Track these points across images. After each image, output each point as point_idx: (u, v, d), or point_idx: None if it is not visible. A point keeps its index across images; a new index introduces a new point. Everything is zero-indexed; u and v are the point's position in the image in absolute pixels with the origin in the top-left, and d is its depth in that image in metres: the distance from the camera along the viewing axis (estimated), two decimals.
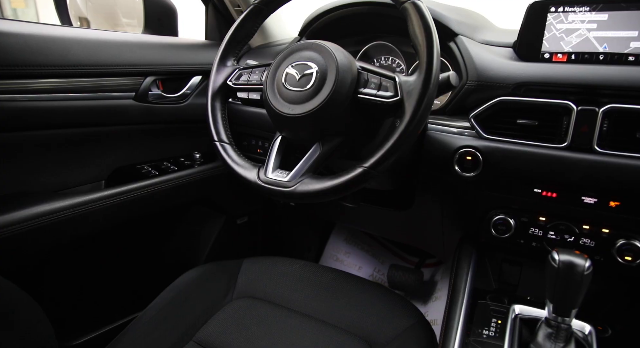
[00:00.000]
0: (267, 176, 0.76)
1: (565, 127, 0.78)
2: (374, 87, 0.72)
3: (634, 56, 0.78)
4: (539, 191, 0.82)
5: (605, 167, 0.75)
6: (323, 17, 1.07)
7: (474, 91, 0.86)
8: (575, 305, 0.66)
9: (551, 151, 0.79)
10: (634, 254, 0.77)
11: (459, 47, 0.91)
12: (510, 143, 0.82)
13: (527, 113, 0.81)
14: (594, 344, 0.74)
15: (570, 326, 0.69)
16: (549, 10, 0.83)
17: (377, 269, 1.70)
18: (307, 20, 1.11)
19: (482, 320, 0.81)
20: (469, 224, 0.97)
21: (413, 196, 1.05)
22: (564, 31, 0.83)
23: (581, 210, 0.80)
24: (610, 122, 0.75)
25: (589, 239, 0.82)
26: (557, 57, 0.84)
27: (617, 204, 0.76)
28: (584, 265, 0.63)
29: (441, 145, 0.88)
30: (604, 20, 0.80)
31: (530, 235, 0.87)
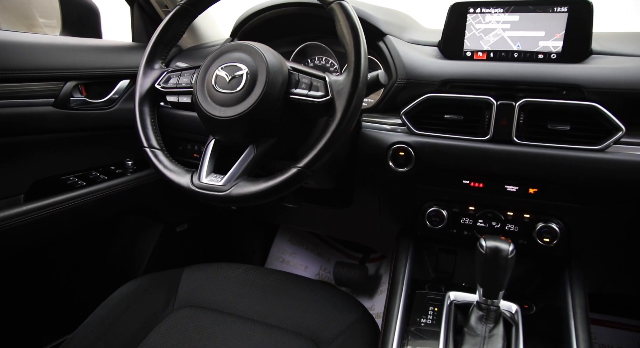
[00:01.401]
0: (201, 181, 0.75)
1: (487, 121, 0.83)
2: (305, 88, 0.72)
3: (543, 54, 0.85)
4: (467, 182, 0.87)
5: (523, 157, 0.80)
6: (254, 18, 1.06)
7: (403, 88, 0.89)
8: (502, 287, 0.70)
9: (476, 144, 0.83)
10: (551, 236, 0.84)
11: (387, 46, 0.94)
12: (439, 138, 0.86)
13: (453, 109, 0.86)
14: (520, 322, 0.79)
15: (498, 307, 0.74)
16: (469, 11, 0.87)
17: (323, 267, 1.71)
18: (238, 21, 1.09)
19: (420, 309, 0.84)
20: (406, 217, 1.01)
21: (352, 194, 1.07)
22: (482, 31, 0.88)
23: (505, 198, 0.86)
24: (526, 115, 0.81)
25: (513, 224, 0.88)
26: (478, 55, 0.89)
27: (536, 191, 0.83)
28: (508, 249, 0.67)
29: (375, 142, 0.90)
30: (516, 21, 0.86)
31: (462, 224, 0.92)
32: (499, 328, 0.74)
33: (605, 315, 1.47)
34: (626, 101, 0.76)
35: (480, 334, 0.73)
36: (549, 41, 0.84)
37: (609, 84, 0.77)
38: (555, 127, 0.79)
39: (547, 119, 0.80)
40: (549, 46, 0.84)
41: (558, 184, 0.81)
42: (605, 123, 0.76)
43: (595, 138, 0.77)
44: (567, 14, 0.81)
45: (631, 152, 0.76)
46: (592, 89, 0.77)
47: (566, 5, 0.81)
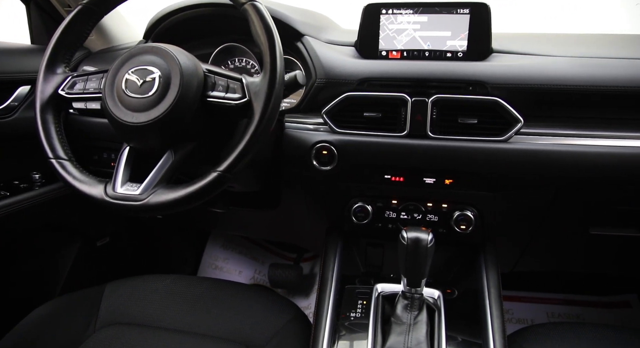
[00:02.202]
0: (116, 191, 0.70)
1: (404, 117, 0.86)
2: (222, 90, 0.71)
3: (451, 53, 0.90)
4: (389, 177, 0.90)
5: (438, 150, 0.85)
6: (167, 20, 1.02)
7: (323, 88, 0.91)
8: (424, 275, 0.74)
9: (394, 140, 0.87)
10: (467, 223, 0.90)
11: (305, 47, 0.94)
12: (359, 135, 0.89)
13: (371, 106, 0.88)
14: (442, 306, 0.84)
15: (422, 295, 0.78)
16: (381, 12, 0.91)
17: (258, 271, 1.70)
18: (150, 22, 1.04)
19: (349, 303, 0.86)
20: (333, 215, 1.03)
21: (279, 195, 1.07)
22: (395, 31, 0.92)
23: (424, 190, 0.91)
24: (438, 110, 0.86)
25: (433, 215, 0.93)
26: (393, 55, 0.93)
27: (451, 182, 0.88)
28: (427, 239, 0.71)
29: (298, 142, 0.91)
30: (425, 21, 0.90)
31: (386, 217, 0.95)
32: (423, 314, 0.78)
33: (520, 292, 1.61)
34: (524, 95, 0.84)
35: (406, 322, 0.76)
36: (455, 41, 0.89)
37: (508, 80, 0.83)
38: (464, 121, 0.85)
39: (457, 114, 0.85)
40: (456, 45, 0.89)
41: (470, 174, 0.87)
42: (506, 116, 0.83)
43: (499, 130, 0.84)
44: (469, 16, 0.87)
45: (530, 141, 0.84)
46: (494, 84, 0.83)
47: (467, 8, 0.87)
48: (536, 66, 0.85)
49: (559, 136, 0.84)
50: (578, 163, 0.83)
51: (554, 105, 0.85)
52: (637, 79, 0.81)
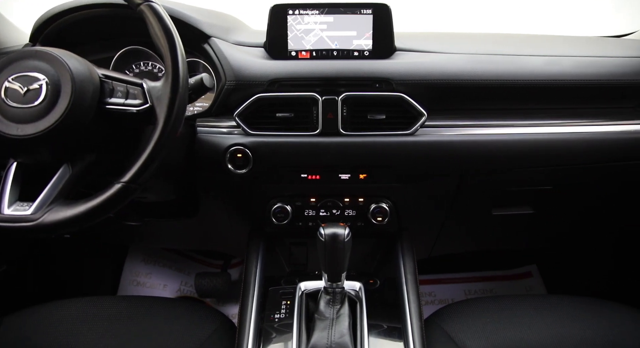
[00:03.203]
0: (2, 213, 0.63)
1: (316, 116, 0.88)
2: (122, 96, 0.67)
3: (358, 52, 0.93)
4: (305, 175, 0.91)
5: (350, 146, 0.88)
6: (57, 21, 0.93)
7: (233, 90, 0.89)
8: (344, 269, 0.76)
9: (308, 139, 0.88)
10: (382, 215, 0.95)
11: (213, 48, 0.92)
12: (273, 136, 0.89)
13: (283, 107, 0.89)
14: (363, 297, 0.87)
15: (343, 288, 0.80)
16: (288, 13, 0.91)
17: (184, 282, 1.63)
18: (36, 24, 0.95)
19: (273, 305, 0.86)
20: (253, 217, 1.02)
21: (197, 202, 1.04)
22: (303, 31, 0.93)
23: (341, 186, 0.93)
24: (348, 108, 0.88)
25: (351, 209, 0.96)
26: (302, 55, 0.93)
27: (365, 176, 0.92)
28: (344, 234, 0.73)
29: (212, 146, 0.89)
30: (331, 21, 0.92)
31: (306, 216, 0.96)
32: (345, 307, 0.80)
33: (441, 274, 1.71)
34: (426, 90, 0.89)
35: (329, 317, 0.77)
36: (361, 40, 0.92)
37: (411, 76, 0.88)
38: (374, 117, 0.88)
39: (366, 110, 0.88)
40: (362, 44, 0.92)
41: (382, 167, 0.90)
42: (411, 110, 0.88)
43: (406, 124, 0.89)
44: (372, 16, 0.90)
45: (434, 133, 0.89)
46: (398, 81, 0.88)
47: (370, 8, 0.90)
48: (436, 62, 0.91)
49: (459, 127, 0.91)
50: (477, 151, 0.90)
51: (454, 98, 0.92)
52: (520, 74, 0.90)
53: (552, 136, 0.93)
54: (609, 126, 0.94)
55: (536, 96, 0.93)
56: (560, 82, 0.90)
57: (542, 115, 0.94)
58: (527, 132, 0.92)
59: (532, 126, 0.92)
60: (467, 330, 0.85)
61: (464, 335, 0.83)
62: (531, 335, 0.83)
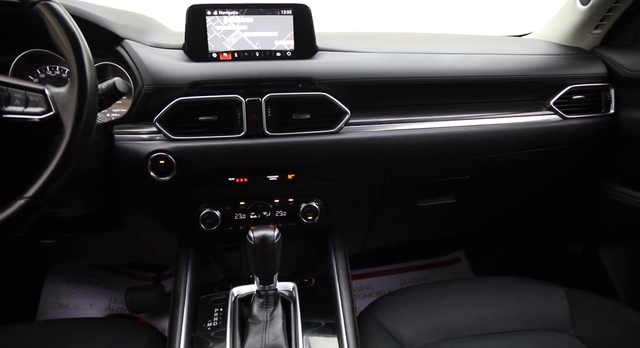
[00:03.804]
0: None
1: (240, 118, 0.87)
2: (20, 104, 0.61)
3: (280, 52, 0.93)
4: (233, 179, 0.90)
5: (277, 147, 0.88)
6: None
7: (152, 94, 0.85)
8: (275, 270, 0.76)
9: (233, 142, 0.87)
10: (313, 213, 0.96)
11: (127, 51, 0.88)
12: (197, 140, 0.86)
13: (206, 110, 0.86)
14: (297, 297, 0.87)
15: (276, 290, 0.80)
16: (207, 14, 0.89)
17: (113, 299, 1.53)
18: None
19: (205, 313, 0.84)
20: (181, 225, 0.98)
21: (120, 213, 0.98)
22: (223, 32, 0.91)
23: (270, 188, 0.93)
24: (272, 108, 0.88)
25: (282, 210, 0.96)
26: (224, 56, 0.92)
27: (294, 176, 0.92)
28: (273, 235, 0.73)
29: (132, 153, 0.84)
30: (252, 22, 0.91)
31: (236, 220, 0.95)
32: (279, 309, 0.80)
33: (378, 267, 1.77)
34: (348, 89, 0.91)
35: (262, 320, 0.77)
36: (283, 40, 0.92)
37: (332, 75, 0.90)
38: (299, 117, 0.89)
39: (291, 111, 0.89)
40: (284, 44, 0.92)
41: (309, 166, 0.91)
42: (335, 109, 0.90)
43: (331, 123, 0.90)
44: (292, 16, 0.91)
45: (358, 131, 0.92)
46: (320, 80, 0.89)
47: (290, 9, 0.90)
48: (356, 61, 0.94)
49: (382, 124, 0.94)
50: (399, 146, 0.94)
51: (375, 96, 0.95)
52: (435, 71, 0.95)
53: (467, 129, 0.99)
54: (515, 117, 1.02)
55: (450, 91, 0.99)
56: (470, 78, 0.97)
57: (457, 109, 1.00)
58: (445, 126, 0.98)
59: (448, 120, 0.98)
60: (400, 318, 0.88)
61: (397, 324, 0.87)
62: (456, 317, 0.89)
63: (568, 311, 0.93)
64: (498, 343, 0.84)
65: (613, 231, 1.26)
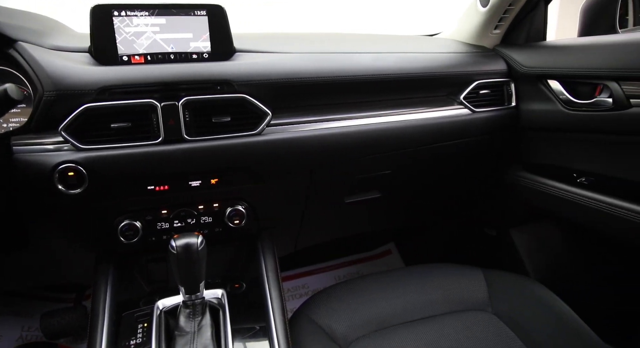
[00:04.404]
0: None
1: (156, 124, 0.83)
2: None
3: (196, 54, 0.90)
4: (152, 187, 0.86)
5: (197, 152, 0.85)
6: None
7: (55, 101, 0.79)
8: (201, 278, 0.74)
9: (150, 148, 0.83)
10: (239, 217, 0.94)
11: (22, 54, 0.80)
12: (110, 149, 0.81)
13: (118, 116, 0.81)
14: (226, 304, 0.86)
15: (203, 298, 0.77)
16: (113, 14, 0.84)
17: (26, 327, 1.40)
18: None
19: (128, 331, 0.80)
20: (98, 240, 0.92)
21: (25, 232, 0.90)
22: (133, 34, 0.86)
23: (193, 194, 0.89)
24: (190, 112, 0.85)
25: (207, 216, 0.93)
26: (135, 59, 0.87)
27: (217, 181, 0.90)
28: (197, 242, 0.71)
29: (35, 166, 0.77)
30: (164, 23, 0.88)
31: (159, 230, 0.90)
32: (207, 317, 0.78)
33: (313, 265, 1.79)
34: (267, 89, 0.91)
35: (189, 331, 0.74)
36: (199, 42, 0.90)
37: (251, 76, 0.89)
38: (219, 120, 0.87)
39: (210, 114, 0.86)
40: (200, 46, 0.90)
41: (232, 170, 0.90)
42: (256, 110, 0.89)
43: (252, 124, 0.89)
44: (207, 17, 0.89)
45: (280, 131, 0.92)
46: (239, 82, 0.88)
47: (203, 9, 0.88)
48: (275, 62, 0.94)
49: (304, 123, 0.95)
50: (322, 145, 0.95)
51: (295, 96, 0.96)
52: (352, 70, 0.98)
53: (387, 125, 1.03)
54: (429, 112, 1.08)
55: (368, 89, 1.02)
56: (386, 76, 1.01)
57: (376, 107, 1.04)
58: (365, 123, 1.01)
59: (368, 117, 1.01)
60: (332, 314, 0.90)
61: (329, 320, 0.88)
62: (386, 307, 0.92)
63: (486, 291, 1.00)
64: (424, 328, 0.88)
65: (521, 213, 1.38)
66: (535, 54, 1.16)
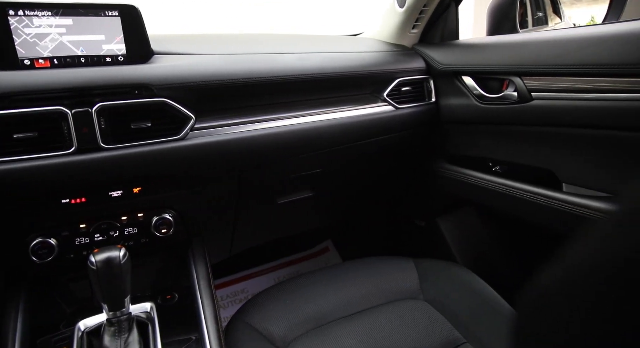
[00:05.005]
0: None
1: (68, 132, 0.77)
2: None
3: (110, 57, 0.85)
4: (67, 200, 0.80)
5: (116, 160, 0.80)
6: None
7: None
8: (126, 293, 0.70)
9: (62, 159, 0.77)
10: (167, 226, 0.90)
11: None
12: (15, 162, 0.74)
13: (21, 126, 0.75)
14: (155, 317, 0.82)
15: (129, 314, 0.73)
16: (9, 14, 0.76)
17: None
18: None
19: None
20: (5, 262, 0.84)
21: None
22: (35, 36, 0.79)
23: (114, 204, 0.84)
24: (106, 119, 0.80)
25: (131, 227, 0.88)
26: (40, 63, 0.80)
27: (140, 190, 0.85)
28: (119, 256, 0.67)
29: None
30: (71, 24, 0.82)
31: (78, 245, 0.84)
32: (134, 334, 0.74)
33: (251, 269, 1.76)
34: (189, 93, 0.87)
35: None
36: (112, 44, 0.85)
37: (171, 80, 0.85)
38: (139, 126, 0.82)
39: (129, 120, 0.82)
40: (113, 49, 0.85)
41: (156, 177, 0.86)
42: (178, 114, 0.85)
43: (175, 129, 0.86)
44: (120, 18, 0.84)
45: (206, 135, 0.89)
46: (159, 85, 0.84)
47: (115, 10, 0.83)
48: (196, 64, 0.91)
49: (231, 126, 0.93)
50: (250, 147, 0.94)
51: (220, 98, 0.93)
52: (277, 70, 0.98)
53: (314, 124, 1.04)
54: (355, 110, 1.11)
55: (294, 89, 1.03)
56: (311, 76, 1.02)
57: (303, 106, 1.05)
58: (293, 123, 1.01)
59: (296, 117, 1.02)
60: (270, 316, 0.89)
61: (267, 323, 0.87)
62: (323, 304, 0.93)
63: (417, 279, 1.05)
64: (360, 321, 0.91)
65: (446, 203, 1.46)
66: (450, 52, 1.23)
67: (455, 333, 0.89)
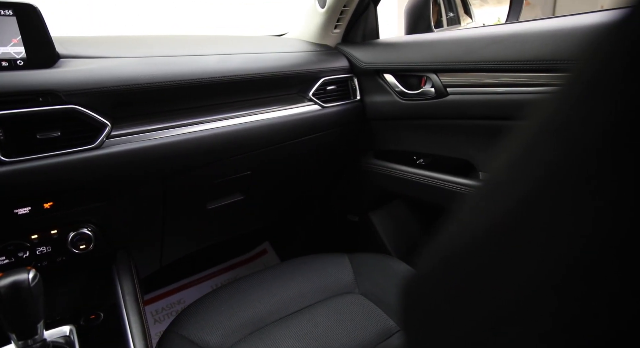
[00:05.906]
0: None
1: None
2: None
3: (7, 62, 0.77)
4: None
5: (21, 174, 0.73)
6: None
7: None
8: (39, 318, 0.64)
9: None
10: (85, 241, 0.84)
11: None
12: None
13: None
14: (76, 341, 0.76)
15: (44, 340, 0.67)
16: None
17: None
18: None
19: None
20: None
21: None
22: None
23: (23, 223, 0.77)
24: (7, 130, 0.73)
25: (44, 246, 0.81)
26: None
27: (52, 204, 0.78)
28: (27, 278, 0.61)
29: None
30: None
31: None
32: None
33: (186, 278, 1.70)
34: (103, 99, 0.82)
35: None
36: (8, 47, 0.77)
37: (81, 85, 0.79)
38: (46, 136, 0.76)
39: (34, 130, 0.75)
40: (10, 52, 0.77)
41: (70, 190, 0.80)
42: (92, 122, 0.80)
43: (90, 137, 0.80)
44: (15, 18, 0.76)
45: (124, 142, 0.84)
46: (67, 92, 0.78)
47: (10, 9, 0.76)
48: (108, 68, 0.85)
49: (151, 132, 0.89)
50: (172, 152, 0.90)
51: (137, 103, 0.88)
52: (197, 72, 0.95)
53: (241, 126, 1.02)
54: (282, 111, 1.11)
55: (216, 91, 1.00)
56: (233, 77, 1.00)
57: (228, 108, 1.02)
58: (217, 126, 0.98)
59: (220, 120, 0.99)
60: (205, 325, 0.86)
61: (202, 333, 0.84)
62: (261, 307, 0.92)
63: (352, 274, 1.07)
64: (299, 320, 0.91)
65: (377, 197, 1.51)
66: (371, 51, 1.27)
67: (390, 323, 0.92)
